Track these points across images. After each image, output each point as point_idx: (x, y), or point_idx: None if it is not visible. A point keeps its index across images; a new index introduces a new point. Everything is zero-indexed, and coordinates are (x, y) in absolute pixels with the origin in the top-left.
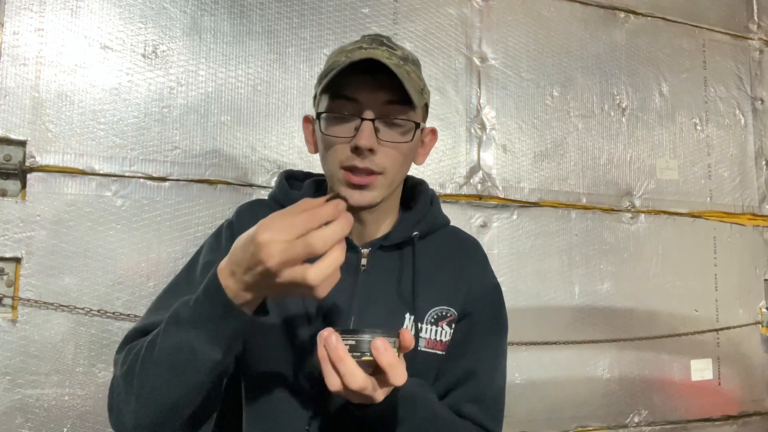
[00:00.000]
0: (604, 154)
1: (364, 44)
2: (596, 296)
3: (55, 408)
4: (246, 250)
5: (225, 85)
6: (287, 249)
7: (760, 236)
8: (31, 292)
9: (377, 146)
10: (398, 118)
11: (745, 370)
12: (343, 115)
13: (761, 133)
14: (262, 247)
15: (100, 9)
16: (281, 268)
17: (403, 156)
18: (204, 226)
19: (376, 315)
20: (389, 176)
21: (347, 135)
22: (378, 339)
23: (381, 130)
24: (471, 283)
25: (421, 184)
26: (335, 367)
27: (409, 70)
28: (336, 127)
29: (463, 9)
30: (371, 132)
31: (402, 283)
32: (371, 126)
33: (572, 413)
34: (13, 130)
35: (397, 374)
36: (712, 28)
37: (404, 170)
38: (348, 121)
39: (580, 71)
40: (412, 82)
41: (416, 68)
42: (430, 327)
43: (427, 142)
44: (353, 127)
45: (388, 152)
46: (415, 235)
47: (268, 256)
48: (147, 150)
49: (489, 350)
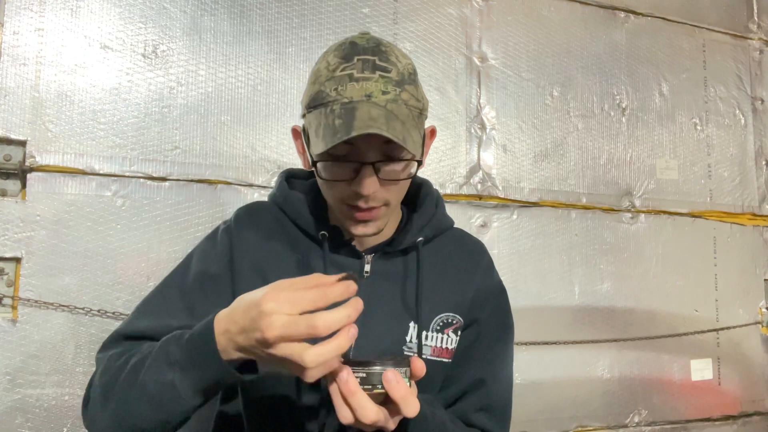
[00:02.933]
0: (604, 154)
1: (355, 71)
2: (596, 296)
3: (55, 408)
4: (247, 314)
5: (225, 85)
6: (289, 324)
7: (760, 236)
8: (31, 292)
9: (379, 187)
10: (399, 158)
11: (745, 370)
12: (340, 160)
13: (761, 133)
14: (265, 316)
15: (100, 9)
16: (278, 342)
17: (405, 185)
18: (204, 226)
19: (380, 323)
20: (392, 205)
21: (347, 177)
22: (389, 371)
23: (381, 170)
24: (477, 289)
25: (426, 184)
26: (347, 402)
27: (406, 97)
28: (334, 170)
29: (463, 9)
30: (372, 178)
31: (406, 291)
32: (371, 170)
33: (572, 413)
34: (13, 130)
35: (410, 406)
36: (712, 28)
37: (406, 190)
38: (346, 162)
39: (580, 71)
40: (412, 120)
41: (413, 86)
42: (436, 334)
43: (427, 142)
44: (352, 169)
45: (390, 187)
46: (419, 241)
47: (269, 326)
48: (147, 150)
49: (497, 357)
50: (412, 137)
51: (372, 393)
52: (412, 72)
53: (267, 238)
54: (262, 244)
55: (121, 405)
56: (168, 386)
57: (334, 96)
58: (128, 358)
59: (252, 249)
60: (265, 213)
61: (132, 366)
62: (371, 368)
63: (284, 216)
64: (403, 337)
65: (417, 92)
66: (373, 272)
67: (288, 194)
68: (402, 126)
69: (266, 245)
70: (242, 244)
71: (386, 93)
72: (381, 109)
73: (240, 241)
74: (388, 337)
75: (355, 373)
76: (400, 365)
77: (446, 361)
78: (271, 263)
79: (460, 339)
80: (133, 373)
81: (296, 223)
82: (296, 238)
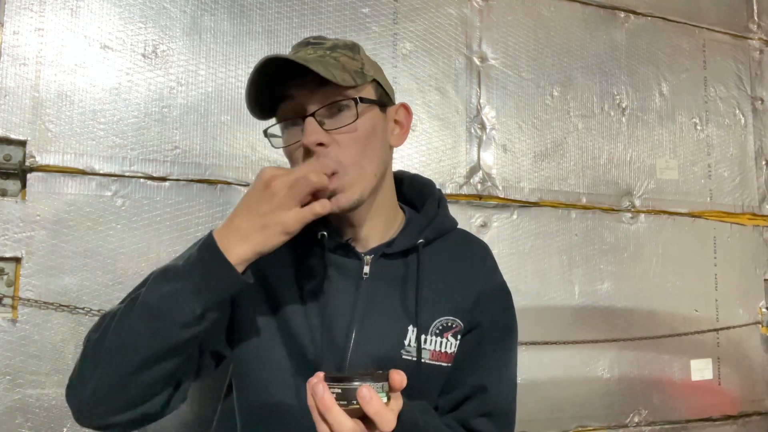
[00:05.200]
0: (604, 154)
1: (291, 51)
2: (596, 296)
3: (55, 408)
4: (254, 188)
5: (225, 85)
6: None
7: (760, 236)
8: (31, 292)
9: (327, 139)
10: (337, 101)
11: (745, 370)
12: (288, 119)
13: (761, 133)
14: (266, 173)
15: (100, 9)
16: (274, 179)
17: (361, 141)
18: (204, 226)
19: (379, 325)
20: (356, 167)
21: (297, 140)
22: (364, 387)
23: (326, 122)
24: (480, 292)
25: (429, 185)
26: (323, 417)
27: (338, 55)
28: (285, 137)
29: (463, 9)
30: (314, 126)
31: (406, 294)
32: (313, 120)
33: (572, 413)
34: (13, 130)
35: (384, 421)
36: (712, 28)
37: (374, 156)
38: (296, 125)
39: (580, 71)
40: (339, 64)
41: (349, 51)
42: (435, 338)
43: (401, 119)
44: (299, 129)
45: (342, 141)
46: (420, 243)
47: (273, 176)
48: (147, 150)
49: (500, 362)
50: (342, 75)
51: (348, 408)
52: (352, 45)
53: None
54: None
55: (114, 341)
56: (167, 296)
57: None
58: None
59: None
60: None
61: (128, 302)
62: (348, 384)
63: None
64: (401, 340)
65: (354, 55)
66: (372, 274)
67: None
68: (325, 66)
69: None
70: None
71: (315, 53)
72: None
73: None
74: (387, 340)
75: (331, 388)
76: (378, 380)
77: (445, 366)
78: (270, 265)
79: (461, 343)
80: (129, 306)
81: None
82: (294, 239)
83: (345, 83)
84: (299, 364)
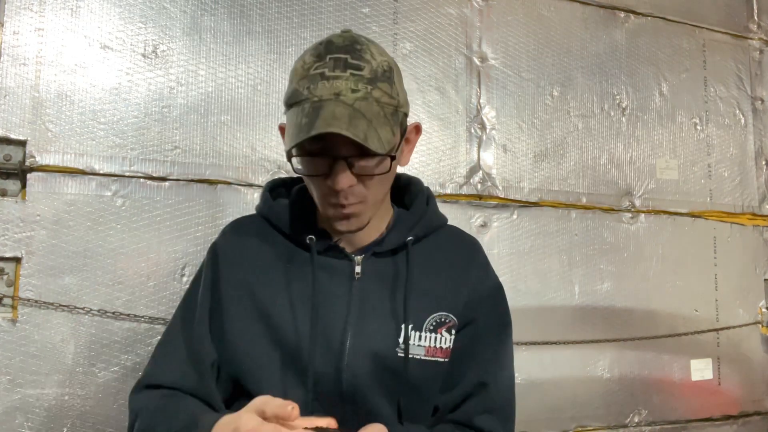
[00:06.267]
0: (604, 154)
1: (327, 69)
2: (596, 296)
3: (55, 408)
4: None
5: (225, 85)
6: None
7: (760, 236)
8: (31, 292)
9: (355, 181)
10: (371, 153)
11: (745, 370)
12: (313, 155)
13: (761, 133)
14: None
15: (100, 9)
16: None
17: (387, 182)
18: (204, 226)
19: (372, 325)
20: (373, 201)
21: (322, 172)
22: None
23: (355, 165)
24: (472, 288)
25: (415, 183)
26: None
27: (378, 94)
28: (309, 165)
29: (463, 9)
30: (345, 173)
31: (397, 292)
32: (344, 165)
33: (572, 413)
34: (13, 130)
35: None
36: (712, 28)
37: (388, 186)
38: (320, 158)
39: (580, 71)
40: (382, 118)
41: (387, 83)
42: (429, 334)
43: (412, 139)
44: (327, 164)
45: (367, 183)
46: (409, 241)
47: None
48: (147, 150)
49: (497, 357)
50: (379, 134)
51: None
52: (387, 69)
53: (253, 251)
54: (249, 259)
55: None
56: None
57: (306, 95)
58: None
59: (237, 266)
60: (251, 226)
61: None
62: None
63: (270, 226)
64: (395, 339)
65: (391, 89)
66: (364, 273)
67: (272, 204)
68: (367, 124)
69: (253, 259)
70: (227, 263)
71: (356, 91)
72: (347, 108)
73: (225, 260)
74: (380, 338)
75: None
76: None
77: (441, 361)
78: (259, 276)
79: (456, 338)
80: None
81: (282, 231)
82: (283, 246)
83: (378, 149)
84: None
